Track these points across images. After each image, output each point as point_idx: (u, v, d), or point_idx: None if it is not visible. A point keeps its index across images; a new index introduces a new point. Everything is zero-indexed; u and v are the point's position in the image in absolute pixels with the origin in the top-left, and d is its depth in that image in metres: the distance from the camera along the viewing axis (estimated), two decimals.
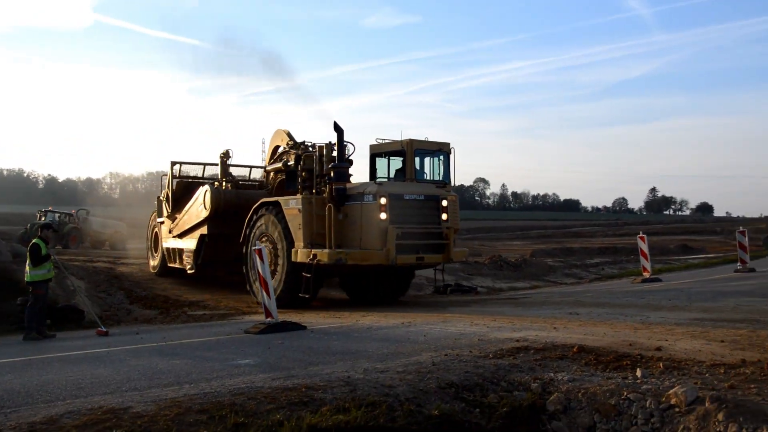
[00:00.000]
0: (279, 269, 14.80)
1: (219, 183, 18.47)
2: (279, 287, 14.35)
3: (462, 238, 35.09)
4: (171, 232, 19.95)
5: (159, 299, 16.59)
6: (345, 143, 14.66)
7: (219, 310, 15.28)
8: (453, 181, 15.68)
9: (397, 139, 15.34)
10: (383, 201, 13.69)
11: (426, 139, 15.41)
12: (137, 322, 13.78)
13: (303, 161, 15.35)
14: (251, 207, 16.26)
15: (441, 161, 15.77)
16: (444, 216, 14.63)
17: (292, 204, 14.59)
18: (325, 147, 14.98)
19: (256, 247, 11.16)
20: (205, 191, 17.53)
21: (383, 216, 13.63)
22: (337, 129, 14.52)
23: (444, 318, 11.44)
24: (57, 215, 33.43)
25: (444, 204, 14.68)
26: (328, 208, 13.90)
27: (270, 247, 14.95)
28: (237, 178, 19.56)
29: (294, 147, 16.29)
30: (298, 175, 15.39)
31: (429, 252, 14.37)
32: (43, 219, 31.74)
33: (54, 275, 12.22)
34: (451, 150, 15.67)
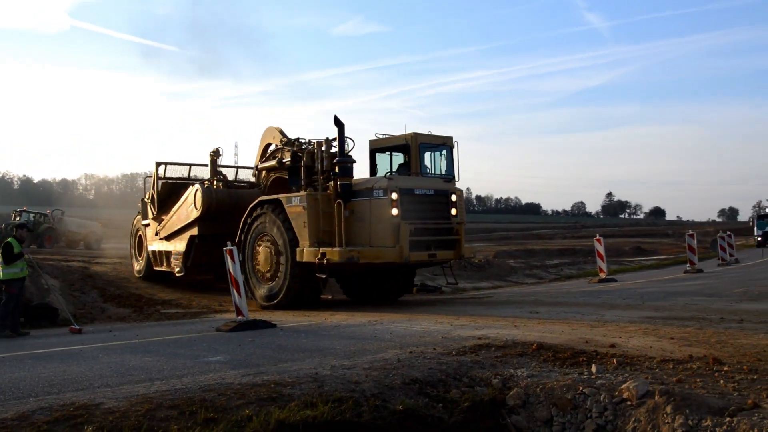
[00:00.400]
0: (281, 270, 13.84)
1: (209, 182, 17.42)
2: (282, 289, 13.70)
3: None
4: (158, 234, 18.74)
5: (132, 298, 16.37)
6: (346, 138, 13.71)
7: (191, 308, 15.14)
8: (458, 176, 14.61)
9: (401, 134, 14.28)
10: (394, 196, 12.77)
11: (429, 133, 14.43)
12: (111, 320, 13.58)
13: (304, 157, 14.38)
14: (244, 207, 15.35)
15: (444, 156, 14.67)
16: (453, 211, 13.88)
17: (295, 201, 13.56)
18: (325, 142, 14.13)
19: (227, 248, 10.95)
20: (196, 190, 16.54)
21: (394, 211, 12.73)
22: (338, 123, 13.58)
23: (409, 317, 11.46)
24: (32, 215, 32.76)
25: (453, 199, 13.94)
26: (337, 204, 13.01)
27: (270, 248, 14.12)
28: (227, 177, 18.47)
29: (288, 144, 15.42)
30: (301, 171, 14.33)
31: (440, 248, 13.55)
32: (18, 219, 31.09)
33: (28, 274, 11.98)
34: (454, 144, 14.64)
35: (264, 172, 16.96)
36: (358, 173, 14.35)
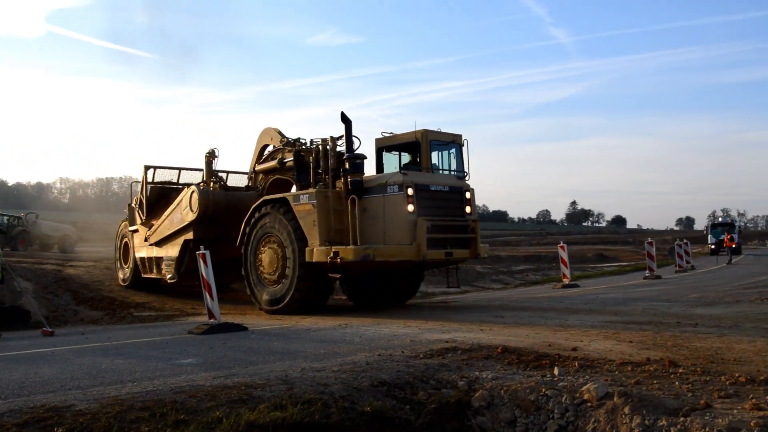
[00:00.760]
0: (288, 273, 13.00)
1: (205, 184, 16.43)
2: (288, 292, 12.93)
3: None
4: (147, 240, 17.70)
5: (106, 301, 16.11)
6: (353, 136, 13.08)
7: (164, 311, 14.95)
8: (468, 175, 13.91)
9: (410, 131, 13.49)
10: (410, 192, 12.07)
11: (439, 130, 13.64)
12: (83, 322, 13.35)
13: (313, 154, 13.64)
14: (241, 209, 14.62)
15: (453, 154, 13.94)
16: (468, 209, 13.20)
17: (303, 199, 12.78)
18: (330, 140, 13.35)
19: (200, 251, 10.86)
20: (192, 192, 15.55)
21: (410, 208, 12.01)
22: (345, 120, 12.92)
23: (378, 320, 11.44)
24: (5, 218, 32.08)
25: (467, 196, 13.27)
26: (351, 200, 12.30)
27: (275, 249, 13.33)
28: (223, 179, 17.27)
29: (289, 144, 14.77)
30: (309, 169, 13.63)
31: (456, 247, 12.77)
32: None
33: (1, 277, 11.75)
34: (464, 142, 13.90)
35: (261, 174, 16.20)
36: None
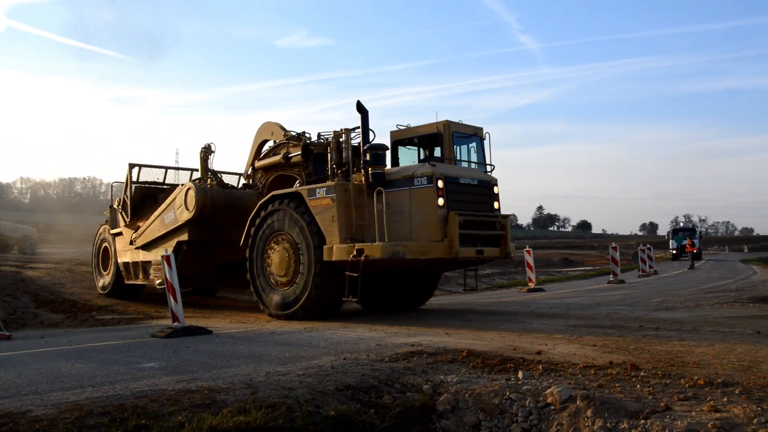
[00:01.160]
0: (302, 274, 12.05)
1: (202, 181, 15.38)
2: (303, 294, 12.03)
3: None
4: (133, 243, 16.55)
5: (67, 303, 15.79)
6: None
7: (127, 314, 14.71)
8: (494, 168, 13.10)
9: (430, 122, 12.56)
10: (440, 184, 11.27)
11: (461, 122, 12.73)
12: (43, 326, 13.06)
13: (330, 145, 12.58)
14: (240, 208, 14.02)
15: (474, 147, 13.05)
16: (496, 204, 12.39)
17: (320, 193, 11.86)
18: (343, 132, 12.53)
19: (164, 254, 10.70)
20: (188, 189, 14.55)
21: (441, 201, 11.21)
22: (361, 110, 12.01)
23: (345, 324, 11.41)
24: None
25: (495, 191, 12.45)
26: (377, 192, 11.31)
27: (287, 248, 12.37)
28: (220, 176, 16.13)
29: (294, 138, 13.97)
30: (327, 161, 12.55)
31: (486, 244, 11.94)
32: None
33: None
34: (485, 135, 13.08)
35: (261, 171, 15.27)
36: None
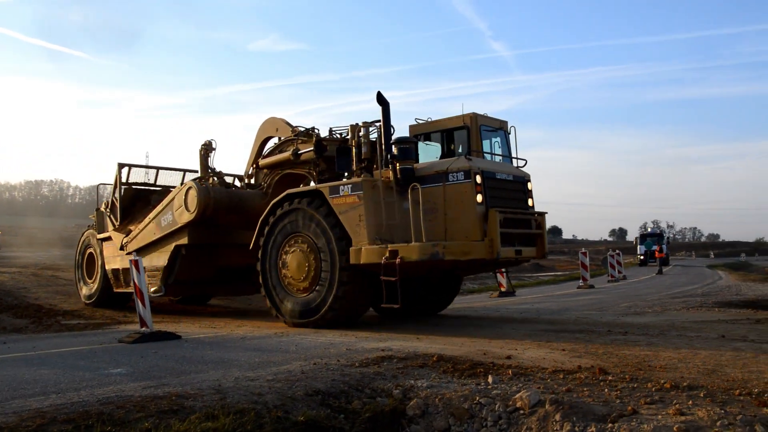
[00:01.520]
0: (324, 278, 11.16)
1: (204, 180, 14.51)
2: (326, 301, 11.13)
3: None
4: (124, 248, 15.55)
5: (31, 308, 15.48)
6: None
7: (94, 319, 14.48)
8: (517, 164, 12.37)
9: (454, 115, 11.76)
10: (479, 179, 10.55)
11: (486, 115, 11.95)
12: (6, 331, 12.79)
13: (354, 138, 11.77)
14: (244, 210, 13.40)
15: (498, 142, 12.19)
16: (530, 201, 11.77)
17: (344, 191, 10.98)
18: (363, 126, 11.86)
19: (133, 258, 10.56)
20: (188, 189, 13.73)
21: (479, 198, 10.50)
22: (382, 101, 11.26)
23: (315, 329, 11.37)
24: None
25: (529, 187, 11.84)
26: (411, 188, 10.50)
27: (305, 251, 11.45)
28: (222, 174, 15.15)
29: (303, 134, 13.17)
30: (351, 155, 11.70)
31: (523, 244, 11.23)
32: None
33: None
34: (510, 129, 12.29)
35: (266, 170, 14.34)
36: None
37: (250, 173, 14.96)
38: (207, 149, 15.01)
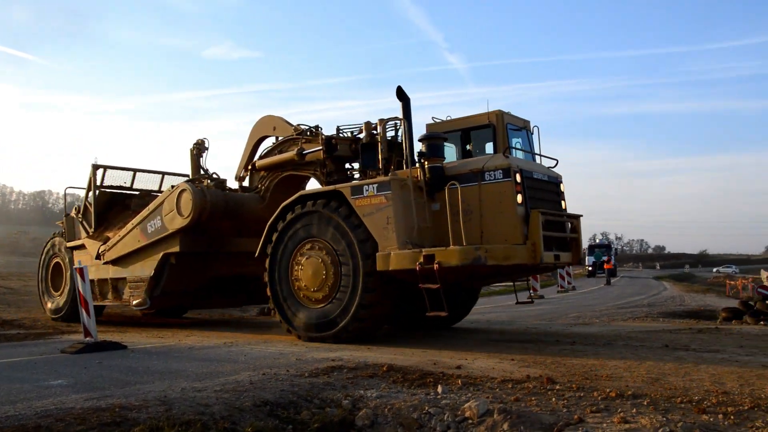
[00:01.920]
0: (345, 288, 10.22)
1: (199, 182, 13.42)
2: (347, 312, 10.18)
3: None
4: (101, 257, 14.47)
5: None
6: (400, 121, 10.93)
7: (35, 329, 14.04)
8: (554, 165, 11.52)
9: (478, 113, 10.80)
10: (518, 179, 9.82)
11: (509, 113, 10.98)
12: None
13: (380, 137, 10.99)
14: (242, 215, 12.64)
15: (519, 143, 11.11)
16: (563, 203, 11.06)
17: (370, 191, 10.08)
18: (379, 123, 11.17)
19: (77, 266, 10.29)
20: (181, 192, 12.72)
21: (520, 199, 9.75)
22: (403, 97, 10.55)
23: (266, 338, 11.25)
24: None
25: (562, 188, 11.15)
26: (449, 187, 9.75)
27: (323, 258, 10.52)
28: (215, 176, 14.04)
29: (305, 133, 12.36)
30: (377, 152, 10.88)
31: (560, 249, 10.45)
32: None
33: None
34: (533, 129, 11.36)
35: (263, 171, 13.38)
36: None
37: (242, 176, 13.99)
38: (199, 149, 14.14)
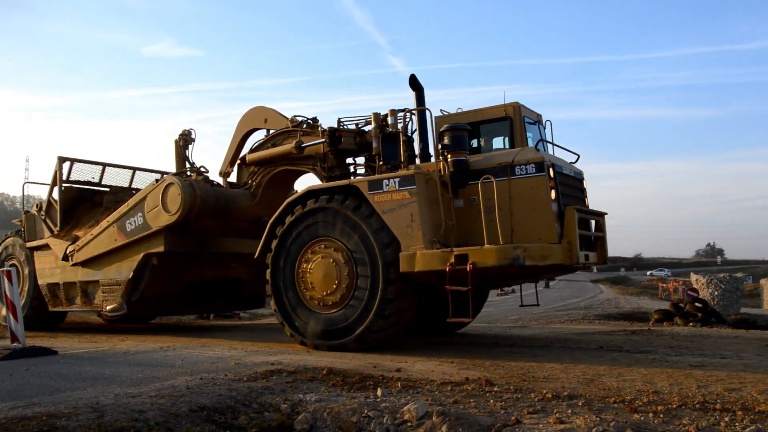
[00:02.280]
0: (361, 291, 9.49)
1: (186, 176, 12.38)
2: (364, 318, 9.46)
3: None
4: (69, 258, 13.38)
5: None
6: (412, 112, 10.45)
7: None
8: (576, 159, 10.94)
9: (494, 105, 10.30)
10: (552, 173, 9.20)
11: (525, 106, 10.47)
12: None
13: (405, 127, 10.31)
14: (232, 212, 11.92)
15: (531, 138, 10.47)
16: (586, 201, 10.51)
17: (390, 185, 9.31)
18: (390, 114, 10.45)
19: (4, 269, 9.90)
20: (167, 186, 11.73)
21: (553, 194, 9.15)
22: (416, 86, 9.95)
23: (204, 342, 11.07)
24: None
25: (585, 185, 10.63)
26: (482, 181, 9.10)
27: (337, 260, 9.76)
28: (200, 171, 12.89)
29: (308, 125, 11.70)
30: (398, 143, 10.17)
31: (586, 248, 9.81)
32: None
33: None
34: (546, 123, 10.94)
35: (253, 166, 12.54)
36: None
37: (227, 171, 13.16)
38: (186, 140, 13.20)
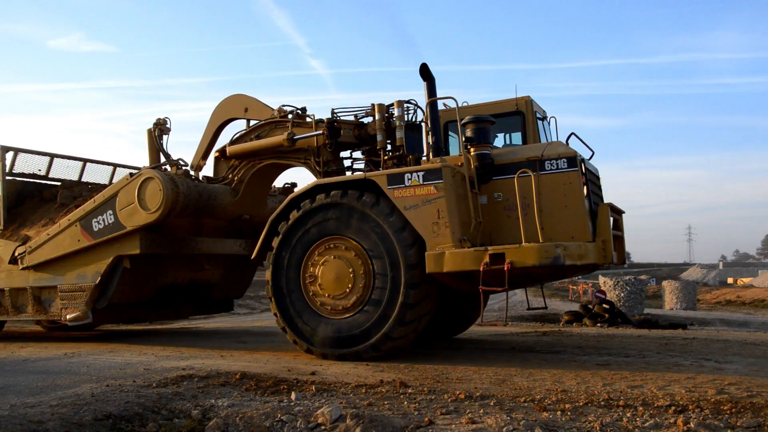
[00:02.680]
0: (378, 294, 8.72)
1: (165, 169, 11.19)
2: (383, 324, 8.64)
3: None
4: (18, 261, 12.04)
5: None
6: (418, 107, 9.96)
7: None
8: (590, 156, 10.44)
9: (505, 98, 9.91)
10: (583, 168, 8.84)
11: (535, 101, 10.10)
12: None
13: (427, 118, 9.56)
14: (214, 209, 11.03)
15: (539, 134, 10.10)
16: (603, 198, 10.07)
17: (414, 180, 8.60)
18: (397, 105, 9.95)
19: None
20: (145, 180, 10.57)
21: (585, 191, 8.76)
22: (427, 76, 9.35)
23: (112, 348, 10.70)
24: None
25: (601, 183, 10.23)
26: (519, 175, 8.57)
27: (351, 260, 8.95)
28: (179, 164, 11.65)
29: (298, 116, 10.78)
30: (421, 133, 9.72)
31: None
32: None
33: None
34: (550, 120, 10.53)
35: (234, 160, 11.45)
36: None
37: (200, 164, 12.06)
38: (161, 130, 12.01)
